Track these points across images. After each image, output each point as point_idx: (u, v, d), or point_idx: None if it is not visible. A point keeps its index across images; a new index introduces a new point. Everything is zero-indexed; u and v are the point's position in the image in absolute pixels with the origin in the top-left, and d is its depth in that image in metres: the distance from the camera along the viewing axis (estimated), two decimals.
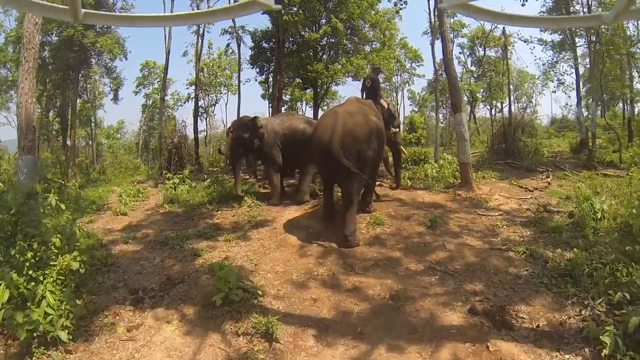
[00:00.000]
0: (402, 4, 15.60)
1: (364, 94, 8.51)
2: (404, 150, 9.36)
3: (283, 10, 15.88)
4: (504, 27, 15.79)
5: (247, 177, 11.22)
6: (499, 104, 28.33)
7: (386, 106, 8.17)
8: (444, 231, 6.40)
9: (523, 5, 15.32)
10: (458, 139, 9.33)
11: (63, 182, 12.14)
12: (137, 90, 27.24)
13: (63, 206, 5.90)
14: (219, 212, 8.37)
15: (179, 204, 9.34)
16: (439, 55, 24.16)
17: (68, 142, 17.33)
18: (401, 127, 9.02)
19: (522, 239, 6.13)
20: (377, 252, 5.70)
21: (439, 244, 5.93)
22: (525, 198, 8.40)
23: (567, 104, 31.38)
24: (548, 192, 8.99)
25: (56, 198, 6.12)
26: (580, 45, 17.22)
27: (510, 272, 5.11)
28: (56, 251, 4.97)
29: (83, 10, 1.30)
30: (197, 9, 17.81)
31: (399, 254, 5.61)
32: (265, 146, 8.80)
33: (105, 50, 15.16)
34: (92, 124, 26.81)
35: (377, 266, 5.28)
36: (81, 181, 17.97)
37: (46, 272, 4.72)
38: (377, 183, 8.99)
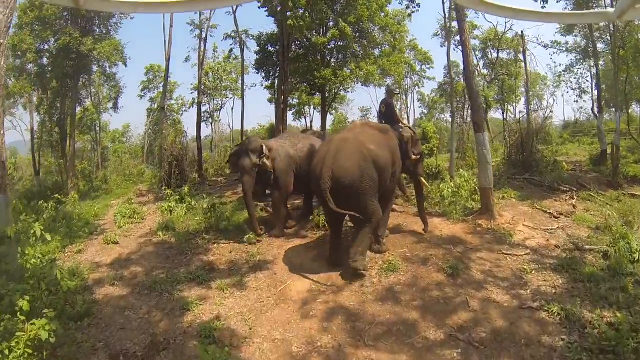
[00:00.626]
0: (414, 7, 14.77)
1: (382, 120, 7.89)
2: (425, 183, 7.93)
3: (288, 14, 15.18)
4: (522, 31, 14.86)
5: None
6: (511, 107, 27.30)
7: (407, 134, 7.35)
8: (466, 280, 5.67)
9: (543, 7, 14.43)
10: (479, 161, 8.49)
11: (60, 198, 11.87)
12: (142, 95, 26.76)
13: (48, 237, 5.44)
14: (215, 245, 7.72)
15: (174, 231, 8.74)
16: (457, 60, 23.37)
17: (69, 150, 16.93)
18: (423, 156, 8.00)
19: (554, 291, 5.40)
20: (390, 312, 4.98)
21: (461, 299, 5.20)
22: (551, 229, 7.62)
23: (581, 108, 29.95)
24: (575, 220, 8.21)
25: (41, 228, 5.60)
26: (602, 51, 16.23)
27: (544, 343, 4.39)
28: (23, 318, 4.35)
29: None
30: None
31: (415, 315, 4.89)
32: (277, 172, 7.87)
33: (104, 58, 14.53)
34: (98, 128, 26.40)
35: (390, 334, 4.56)
36: (83, 189, 17.62)
37: (12, 344, 4.14)
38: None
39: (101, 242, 8.62)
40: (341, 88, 17.60)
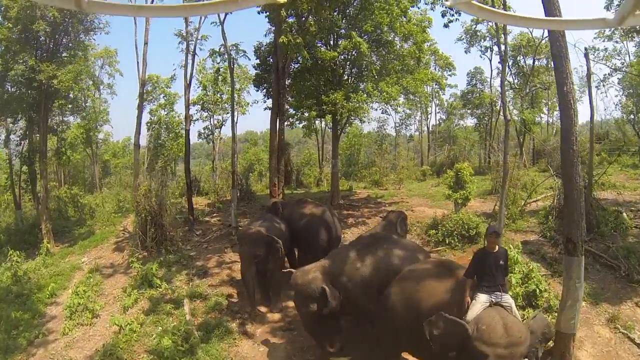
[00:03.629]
0: (452, 15, 11.56)
1: None
2: None
3: (282, 27, 12.36)
4: (585, 48, 11.71)
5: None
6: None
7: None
8: None
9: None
10: (565, 298, 5.68)
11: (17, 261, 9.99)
12: (139, 104, 24.53)
13: None
14: None
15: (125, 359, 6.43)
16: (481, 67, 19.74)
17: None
18: None
19: None
20: None
21: None
22: None
23: (614, 108, 25.80)
24: None
25: None
26: None
27: None
28: None
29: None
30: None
31: None
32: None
33: (64, 87, 12.02)
34: (94, 146, 24.50)
35: None
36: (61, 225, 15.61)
37: None
38: None
39: None
40: (354, 116, 14.63)
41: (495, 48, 22.39)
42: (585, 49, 14.52)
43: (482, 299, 4.31)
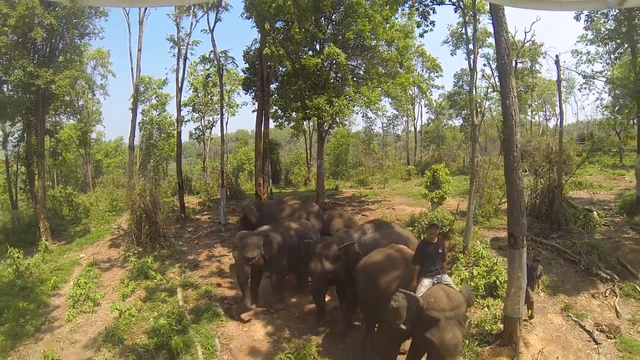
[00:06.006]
0: (427, 26, 12.41)
1: None
2: None
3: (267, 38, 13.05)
4: (557, 55, 12.43)
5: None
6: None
7: None
8: None
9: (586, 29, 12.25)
10: (509, 285, 6.52)
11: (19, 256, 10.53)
12: (133, 107, 25.10)
13: None
14: None
15: (121, 344, 7.22)
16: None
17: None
18: None
19: None
20: None
21: None
22: None
23: (600, 108, 26.97)
24: (620, 347, 6.37)
25: None
26: None
27: None
28: None
29: None
30: None
31: None
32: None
33: (62, 92, 12.69)
34: (87, 147, 25.02)
35: None
36: (57, 223, 16.23)
37: None
38: None
39: (41, 356, 7.30)
40: (337, 119, 15.44)
41: (480, 51, 23.31)
42: (556, 56, 15.57)
43: (425, 283, 5.28)
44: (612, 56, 14.72)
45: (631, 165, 18.71)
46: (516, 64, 21.31)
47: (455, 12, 10.63)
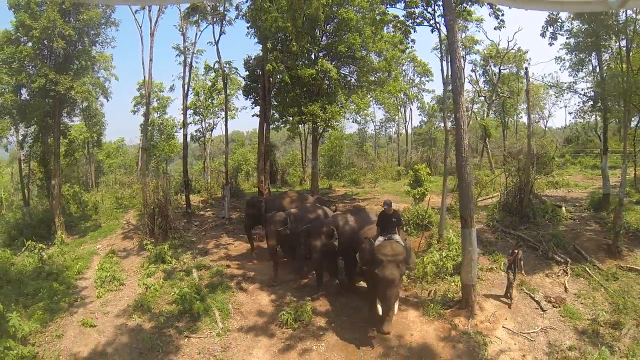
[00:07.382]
0: (407, 43, 14.00)
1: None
2: None
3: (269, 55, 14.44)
4: (526, 67, 13.89)
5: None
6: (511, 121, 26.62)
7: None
8: None
9: (551, 44, 13.88)
10: (464, 258, 8.02)
11: (43, 247, 11.74)
12: (135, 110, 26.29)
13: (26, 327, 7.19)
14: (186, 340, 7.59)
15: (149, 312, 8.57)
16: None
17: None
18: None
19: None
20: None
21: None
22: (534, 332, 7.26)
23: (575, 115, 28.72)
24: (564, 313, 7.83)
25: (18, 317, 6.69)
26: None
27: None
28: None
29: None
30: None
31: None
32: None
33: (81, 98, 13.96)
34: (91, 147, 26.11)
35: None
36: (73, 214, 17.41)
37: None
38: None
39: (79, 324, 8.54)
40: (330, 124, 16.89)
41: (468, 57, 24.83)
42: (526, 68, 17.23)
43: (380, 239, 7.41)
44: (580, 66, 16.18)
45: (611, 165, 20.26)
46: (499, 70, 22.80)
47: (432, 32, 12.12)
